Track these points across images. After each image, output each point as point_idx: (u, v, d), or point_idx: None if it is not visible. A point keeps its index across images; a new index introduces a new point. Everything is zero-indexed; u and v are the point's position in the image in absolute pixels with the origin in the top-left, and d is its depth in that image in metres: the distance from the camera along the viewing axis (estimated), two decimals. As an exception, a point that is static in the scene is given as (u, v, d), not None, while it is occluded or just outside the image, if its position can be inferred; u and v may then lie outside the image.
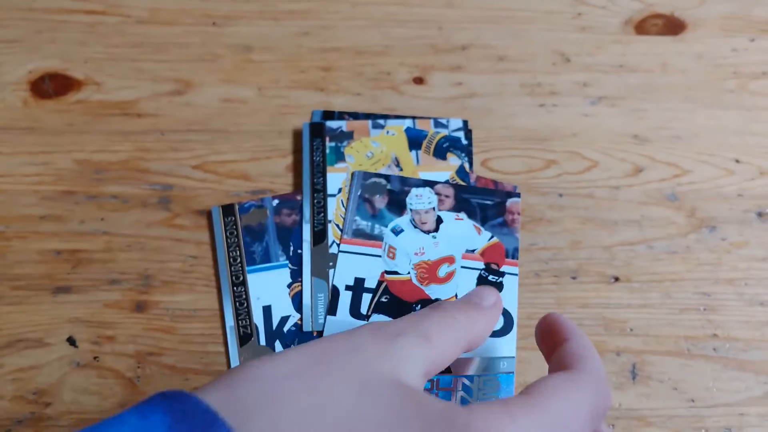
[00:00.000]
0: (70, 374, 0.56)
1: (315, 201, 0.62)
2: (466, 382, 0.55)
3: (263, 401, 0.34)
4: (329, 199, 0.62)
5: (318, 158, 0.64)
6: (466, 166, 0.64)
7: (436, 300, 0.58)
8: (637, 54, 0.72)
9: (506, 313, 0.57)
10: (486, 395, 0.55)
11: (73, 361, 0.56)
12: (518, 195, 0.62)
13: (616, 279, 0.60)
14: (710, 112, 0.68)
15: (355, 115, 0.67)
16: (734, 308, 0.59)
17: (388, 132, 0.66)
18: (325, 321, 0.57)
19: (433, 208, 0.61)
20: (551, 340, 0.44)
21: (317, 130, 0.65)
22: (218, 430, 0.32)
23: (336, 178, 0.63)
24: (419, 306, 0.58)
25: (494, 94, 0.69)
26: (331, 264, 0.60)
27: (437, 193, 0.62)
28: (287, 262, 0.60)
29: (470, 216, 0.62)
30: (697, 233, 0.62)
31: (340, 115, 0.67)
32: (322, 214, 0.61)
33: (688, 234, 0.62)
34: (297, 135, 0.67)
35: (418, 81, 0.70)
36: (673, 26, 0.73)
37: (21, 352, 0.57)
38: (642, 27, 0.73)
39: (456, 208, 0.62)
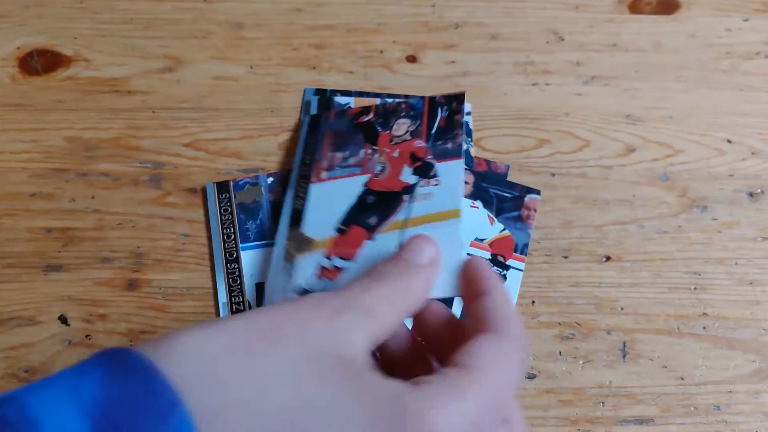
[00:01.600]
0: (62, 352, 0.56)
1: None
2: None
3: (203, 380, 0.32)
4: None
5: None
6: (472, 150, 0.64)
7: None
8: (630, 33, 0.71)
9: None
10: None
11: (65, 339, 0.56)
12: (538, 192, 0.62)
13: (608, 258, 0.61)
14: (703, 92, 0.68)
15: (362, 94, 0.67)
16: (724, 287, 0.60)
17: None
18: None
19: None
20: (472, 287, 0.42)
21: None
22: (158, 390, 0.30)
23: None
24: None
25: (487, 72, 0.69)
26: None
27: None
28: (280, 240, 0.60)
29: (486, 205, 0.61)
30: (688, 213, 0.63)
31: (333, 93, 0.67)
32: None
33: (680, 214, 0.63)
34: (293, 110, 0.66)
35: (411, 59, 0.69)
36: (666, 5, 0.73)
37: (12, 330, 0.56)
38: (636, 6, 0.73)
39: (473, 196, 0.62)
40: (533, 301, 0.59)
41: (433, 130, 0.61)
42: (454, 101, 0.62)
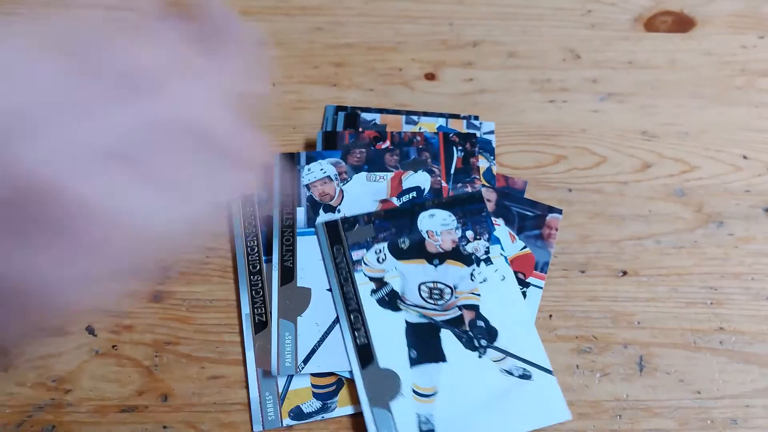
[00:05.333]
0: (89, 362, 0.57)
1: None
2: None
3: None
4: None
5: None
6: (494, 169, 0.65)
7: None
8: (646, 51, 0.72)
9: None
10: None
11: (92, 349, 0.58)
12: (560, 211, 0.63)
13: (624, 273, 0.61)
14: (718, 109, 0.69)
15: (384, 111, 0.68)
16: (740, 302, 0.60)
17: (420, 129, 0.66)
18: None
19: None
20: None
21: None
22: None
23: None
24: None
25: (504, 90, 0.70)
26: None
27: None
28: (301, 254, 0.61)
29: (507, 223, 0.62)
30: (704, 228, 0.63)
31: (353, 110, 0.68)
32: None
33: (696, 229, 0.63)
34: (314, 127, 0.67)
35: (430, 77, 0.71)
36: (682, 23, 0.74)
37: (41, 341, 0.58)
38: (651, 24, 0.74)
39: (495, 213, 0.63)
40: (551, 315, 0.59)
41: (452, 170, 0.63)
42: (468, 142, 0.64)
